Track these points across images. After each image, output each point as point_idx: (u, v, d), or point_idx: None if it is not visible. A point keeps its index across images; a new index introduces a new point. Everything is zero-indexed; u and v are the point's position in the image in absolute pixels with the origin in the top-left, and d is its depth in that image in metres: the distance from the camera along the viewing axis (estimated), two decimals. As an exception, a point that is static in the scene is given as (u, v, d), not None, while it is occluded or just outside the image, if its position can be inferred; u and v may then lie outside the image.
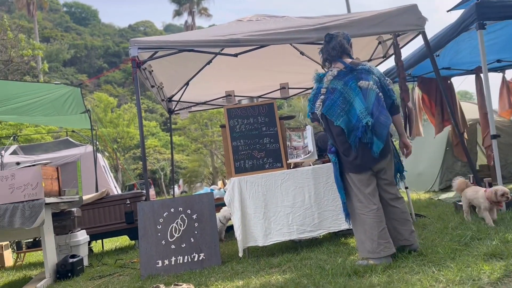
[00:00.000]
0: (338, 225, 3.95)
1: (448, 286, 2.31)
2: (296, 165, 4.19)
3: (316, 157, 4.12)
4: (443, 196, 6.84)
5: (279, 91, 7.33)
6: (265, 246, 4.21)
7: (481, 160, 7.97)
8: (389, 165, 3.17)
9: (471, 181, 4.53)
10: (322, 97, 3.15)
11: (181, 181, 33.15)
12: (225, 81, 6.83)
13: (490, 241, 3.05)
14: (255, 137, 4.22)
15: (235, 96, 6.92)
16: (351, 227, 3.96)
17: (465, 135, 6.85)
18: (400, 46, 5.09)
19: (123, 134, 28.89)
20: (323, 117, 3.16)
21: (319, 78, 3.23)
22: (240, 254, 3.89)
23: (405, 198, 7.07)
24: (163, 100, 6.98)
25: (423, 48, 5.78)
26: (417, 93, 7.17)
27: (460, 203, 4.68)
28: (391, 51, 5.31)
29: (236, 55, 5.06)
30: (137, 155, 30.80)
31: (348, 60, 3.21)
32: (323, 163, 4.20)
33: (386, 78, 3.23)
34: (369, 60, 5.96)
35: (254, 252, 4.24)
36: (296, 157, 4.13)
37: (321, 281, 2.75)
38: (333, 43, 3.23)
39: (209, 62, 6.08)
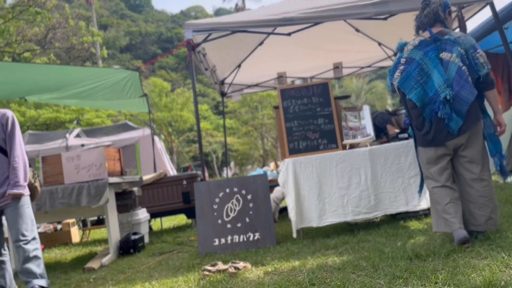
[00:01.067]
0: (395, 207, 3.83)
1: (521, 273, 2.17)
2: (352, 146, 4.09)
3: (374, 138, 3.99)
4: (511, 179, 6.41)
5: (332, 71, 7.16)
6: (320, 228, 4.19)
7: (554, 140, 7.35)
8: (471, 141, 2.91)
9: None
10: (401, 67, 3.01)
11: (232, 164, 33.75)
12: (277, 62, 6.77)
13: None
14: (309, 118, 4.15)
15: (286, 77, 6.85)
16: (409, 210, 3.85)
17: (537, 114, 6.34)
18: (465, 19, 4.76)
19: (177, 118, 29.71)
20: (399, 89, 3.03)
21: (400, 48, 3.08)
22: (294, 235, 3.89)
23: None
24: (216, 83, 7.06)
25: (490, 21, 5.38)
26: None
27: (531, 187, 4.36)
28: (455, 24, 4.98)
29: (289, 34, 4.97)
30: (190, 138, 31.62)
31: (437, 29, 3.00)
32: (381, 143, 4.07)
33: (478, 50, 2.89)
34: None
35: (309, 233, 4.23)
36: (352, 137, 4.02)
37: (381, 264, 2.68)
38: (426, 10, 3.04)
39: (261, 43, 6.04)
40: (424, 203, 3.78)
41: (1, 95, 6.81)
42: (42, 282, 3.10)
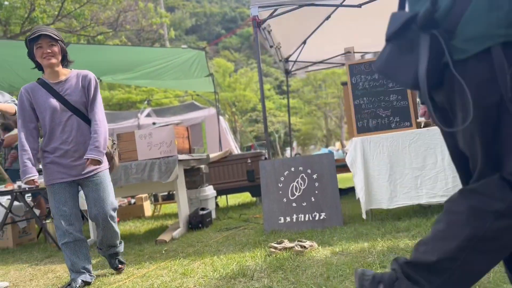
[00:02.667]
0: (475, 191, 3.55)
1: None
2: (428, 124, 3.84)
3: (451, 115, 3.71)
4: None
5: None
6: (389, 210, 4.03)
7: None
8: None
9: None
10: None
11: (294, 144, 33.65)
12: (345, 37, 6.51)
13: None
14: (380, 94, 3.95)
15: (355, 52, 6.57)
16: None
17: None
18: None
19: (240, 98, 30.08)
20: None
21: None
22: (364, 216, 3.78)
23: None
24: (280, 60, 6.97)
25: None
26: None
27: None
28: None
29: (359, 5, 4.73)
30: (253, 118, 31.91)
31: None
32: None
33: None
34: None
35: (378, 215, 4.09)
36: (427, 115, 3.77)
37: (459, 249, 2.51)
38: None
39: (328, 17, 5.83)
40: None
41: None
42: (120, 257, 3.20)
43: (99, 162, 2.80)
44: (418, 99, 3.82)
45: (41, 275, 3.40)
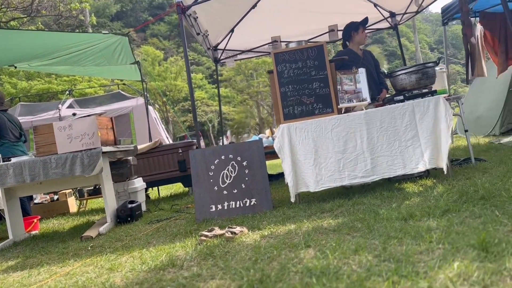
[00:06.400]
0: (393, 171, 3.81)
1: (515, 230, 2.18)
2: (348, 110, 4.04)
3: (369, 101, 3.94)
4: (505, 140, 6.43)
5: (327, 34, 7.00)
6: (316, 192, 4.20)
7: (550, 102, 7.34)
8: None
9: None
10: None
11: (228, 133, 33.62)
12: (271, 27, 6.62)
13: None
14: (304, 82, 4.08)
15: (281, 41, 6.71)
16: (406, 173, 3.83)
17: (534, 75, 6.29)
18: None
19: (171, 87, 29.41)
20: None
21: None
22: (292, 200, 3.91)
23: (465, 142, 6.72)
24: (208, 48, 6.91)
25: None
26: (479, 29, 6.60)
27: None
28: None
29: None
30: (185, 107, 31.41)
31: None
32: (376, 107, 4.02)
33: None
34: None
35: (305, 198, 4.25)
36: (348, 101, 3.97)
37: (376, 225, 2.70)
38: None
39: (253, 6, 5.88)
40: (421, 165, 3.76)
41: (-10, 64, 6.65)
42: None
43: None
44: (339, 87, 4.00)
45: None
